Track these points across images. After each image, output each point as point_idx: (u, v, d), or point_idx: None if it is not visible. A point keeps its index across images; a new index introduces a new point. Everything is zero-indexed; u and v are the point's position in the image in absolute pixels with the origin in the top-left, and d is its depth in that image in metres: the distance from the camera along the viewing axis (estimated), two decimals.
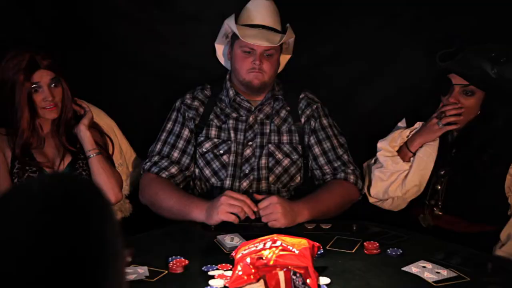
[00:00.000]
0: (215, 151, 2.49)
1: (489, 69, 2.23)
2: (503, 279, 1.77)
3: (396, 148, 2.44)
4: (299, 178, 2.53)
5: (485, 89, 2.31)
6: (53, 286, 0.81)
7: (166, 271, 1.81)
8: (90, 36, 2.65)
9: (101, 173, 2.32)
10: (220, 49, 2.65)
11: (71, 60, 2.50)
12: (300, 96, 2.59)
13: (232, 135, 2.49)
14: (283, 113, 2.56)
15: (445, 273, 1.80)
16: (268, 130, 2.51)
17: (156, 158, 2.48)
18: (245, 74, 2.44)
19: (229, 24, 2.46)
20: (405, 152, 2.41)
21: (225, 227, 2.14)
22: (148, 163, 2.48)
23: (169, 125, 2.54)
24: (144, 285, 1.74)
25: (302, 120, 2.55)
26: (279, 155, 2.50)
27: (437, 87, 2.41)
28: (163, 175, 2.45)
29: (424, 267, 1.84)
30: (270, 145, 2.49)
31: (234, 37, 2.47)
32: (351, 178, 2.47)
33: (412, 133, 2.44)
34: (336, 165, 2.51)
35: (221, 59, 2.67)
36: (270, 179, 2.48)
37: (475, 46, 2.30)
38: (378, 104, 2.77)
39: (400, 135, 2.44)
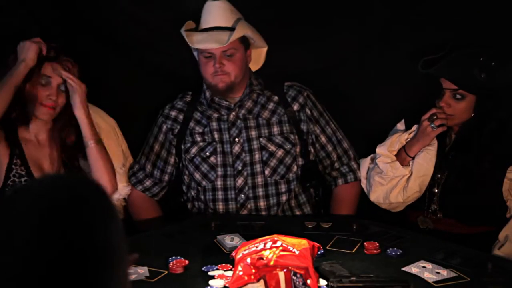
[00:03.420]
0: (202, 154, 2.50)
1: (477, 74, 2.22)
2: (503, 279, 1.77)
3: (395, 152, 2.43)
4: (295, 167, 2.52)
5: (475, 93, 2.30)
6: (57, 287, 0.81)
7: (166, 271, 1.81)
8: (91, 34, 2.65)
9: (101, 165, 2.17)
10: None
11: (71, 59, 2.49)
12: (286, 84, 2.59)
13: (216, 136, 2.50)
14: (271, 105, 2.55)
15: (445, 273, 1.80)
16: (252, 124, 2.51)
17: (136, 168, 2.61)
18: (210, 78, 2.45)
19: (181, 32, 2.44)
20: (403, 156, 2.40)
21: (225, 227, 2.14)
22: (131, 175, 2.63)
23: (151, 140, 2.61)
24: (144, 285, 1.74)
25: (295, 107, 2.55)
26: (272, 147, 2.49)
27: (430, 91, 2.41)
28: (139, 188, 2.59)
29: (424, 267, 1.84)
30: (261, 139, 2.50)
31: None
32: (358, 175, 2.57)
33: (410, 135, 2.43)
34: (340, 153, 2.60)
35: None
36: (266, 172, 2.47)
37: (461, 51, 2.29)
38: (378, 105, 2.76)
39: (398, 139, 2.43)
